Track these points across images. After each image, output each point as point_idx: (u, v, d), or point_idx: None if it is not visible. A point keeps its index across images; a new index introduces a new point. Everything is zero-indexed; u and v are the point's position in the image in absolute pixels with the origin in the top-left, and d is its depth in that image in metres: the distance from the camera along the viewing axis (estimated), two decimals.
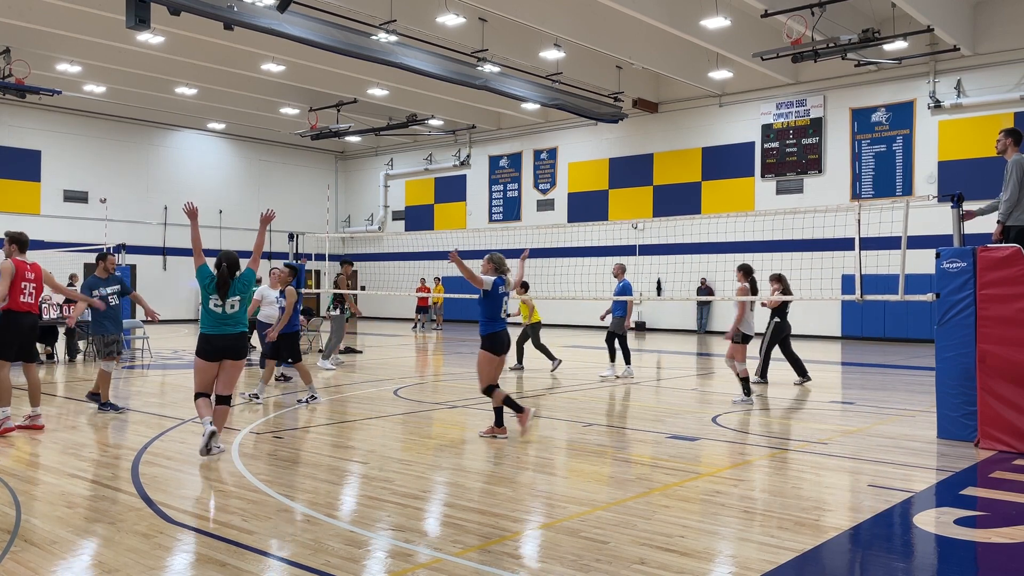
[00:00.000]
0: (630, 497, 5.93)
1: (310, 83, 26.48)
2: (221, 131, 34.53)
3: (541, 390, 12.23)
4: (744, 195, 26.23)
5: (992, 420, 7.65)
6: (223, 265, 7.24)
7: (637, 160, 28.90)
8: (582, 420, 9.51)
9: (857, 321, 23.88)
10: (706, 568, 4.50)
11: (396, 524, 5.26)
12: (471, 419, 9.69)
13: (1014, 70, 21.52)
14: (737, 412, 10.05)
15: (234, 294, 7.29)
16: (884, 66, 22.71)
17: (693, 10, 19.74)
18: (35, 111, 29.22)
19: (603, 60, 24.33)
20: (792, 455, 7.51)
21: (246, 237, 34.87)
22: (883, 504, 5.78)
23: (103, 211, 28.35)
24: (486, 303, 8.15)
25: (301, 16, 18.72)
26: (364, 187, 38.26)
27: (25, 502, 5.71)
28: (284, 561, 4.55)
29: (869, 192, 23.97)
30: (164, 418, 9.34)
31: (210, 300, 7.28)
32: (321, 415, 9.66)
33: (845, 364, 17.47)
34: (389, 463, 7.08)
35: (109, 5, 18.58)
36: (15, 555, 4.61)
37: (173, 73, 25.55)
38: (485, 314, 8.15)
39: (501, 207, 32.95)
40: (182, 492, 6.11)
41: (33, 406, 8.48)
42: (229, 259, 7.25)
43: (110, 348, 9.83)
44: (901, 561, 4.75)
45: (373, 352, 18.81)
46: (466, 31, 20.98)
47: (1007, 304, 7.66)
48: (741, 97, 26.40)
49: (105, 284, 9.91)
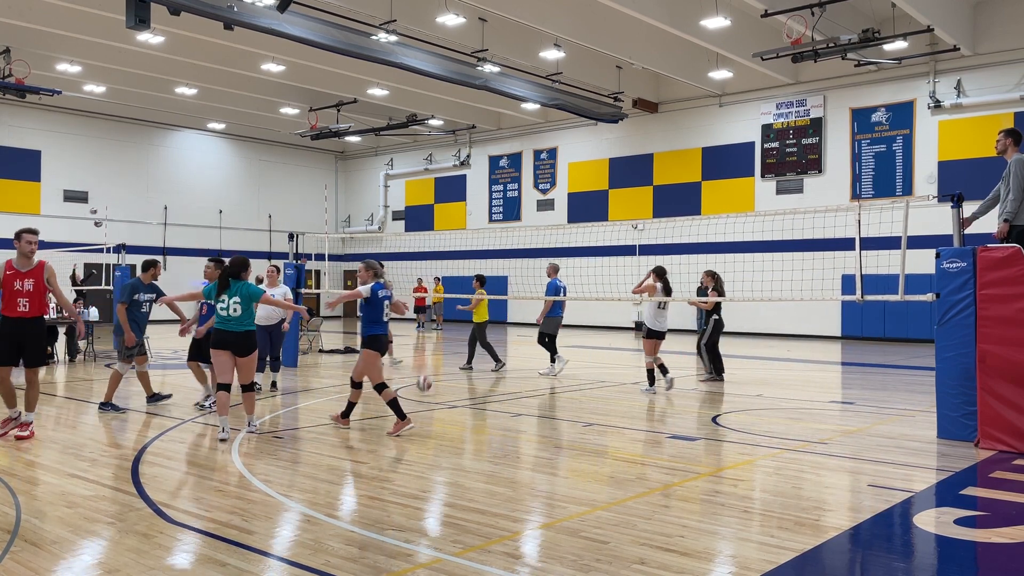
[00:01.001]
0: (630, 497, 5.93)
1: (310, 83, 26.48)
2: (221, 131, 34.53)
3: (542, 390, 12.23)
4: (744, 195, 26.23)
5: (992, 420, 7.65)
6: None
7: (637, 160, 28.90)
8: (582, 420, 9.51)
9: (857, 321, 23.88)
10: (706, 568, 4.50)
11: (396, 524, 5.26)
12: (471, 419, 9.69)
13: (1014, 70, 21.52)
14: (737, 412, 10.05)
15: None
16: (884, 66, 22.70)
17: (693, 10, 19.74)
18: (35, 111, 29.22)
19: (603, 60, 24.33)
20: (792, 455, 7.51)
21: (246, 237, 34.91)
22: (883, 504, 5.78)
23: (103, 212, 28.35)
24: (367, 308, 8.56)
25: (301, 16, 18.71)
26: (364, 187, 38.26)
27: (25, 502, 5.71)
28: (284, 561, 4.56)
29: (869, 192, 23.97)
30: (164, 418, 9.34)
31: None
32: (321, 415, 9.65)
33: (845, 364, 17.48)
34: (389, 463, 7.09)
35: (109, 5, 18.57)
36: (15, 555, 4.61)
37: (173, 73, 25.54)
38: (367, 318, 8.57)
39: (501, 207, 32.95)
40: (182, 492, 6.11)
41: (27, 410, 8.16)
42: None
43: (131, 351, 9.90)
44: (901, 561, 4.75)
45: None
46: (466, 31, 20.98)
47: (1007, 304, 7.66)
48: (741, 97, 26.39)
49: (146, 290, 10.09)
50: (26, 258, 7.96)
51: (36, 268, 8.01)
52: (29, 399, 8.12)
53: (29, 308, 7.95)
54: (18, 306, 7.87)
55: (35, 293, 7.98)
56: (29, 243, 7.96)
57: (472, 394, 11.89)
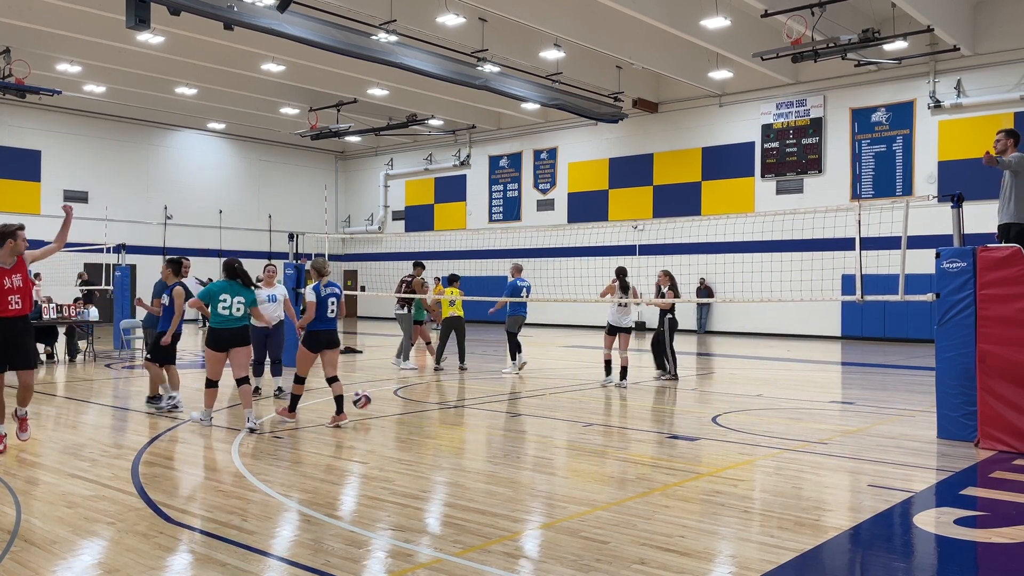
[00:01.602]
0: (630, 497, 5.93)
1: (310, 83, 26.48)
2: (221, 131, 34.53)
3: (542, 390, 12.23)
4: (744, 195, 26.23)
5: (992, 420, 7.65)
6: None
7: (637, 160, 28.90)
8: (582, 420, 9.51)
9: (857, 321, 23.88)
10: (706, 568, 4.50)
11: (396, 524, 5.26)
12: (471, 419, 9.69)
13: (1014, 70, 21.52)
14: (737, 412, 10.05)
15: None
16: (884, 66, 22.71)
17: (693, 10, 19.74)
18: (35, 111, 29.22)
19: (603, 60, 24.33)
20: (792, 455, 7.51)
21: (246, 237, 34.92)
22: (883, 504, 5.78)
23: (103, 211, 28.36)
24: (316, 308, 9.06)
25: (301, 16, 18.71)
26: (364, 187, 38.26)
27: (25, 502, 5.71)
28: (284, 561, 4.56)
29: (869, 192, 23.97)
30: (164, 418, 9.33)
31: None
32: (321, 415, 9.65)
33: (845, 364, 17.48)
34: (389, 463, 7.09)
35: (109, 5, 18.58)
36: (15, 555, 4.61)
37: (173, 73, 25.55)
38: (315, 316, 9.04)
39: (501, 207, 32.95)
40: (182, 492, 6.11)
41: (20, 406, 7.89)
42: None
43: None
44: (901, 561, 4.75)
45: (373, 352, 18.81)
46: (466, 31, 20.98)
47: (1007, 304, 7.66)
48: (741, 97, 26.39)
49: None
50: (11, 255, 7.66)
51: (19, 263, 7.73)
52: (22, 398, 7.80)
53: (22, 305, 7.69)
54: (10, 304, 7.57)
55: (24, 289, 7.74)
56: (25, 239, 7.84)
57: (472, 394, 11.89)
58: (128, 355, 17.03)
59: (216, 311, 8.56)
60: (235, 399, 10.90)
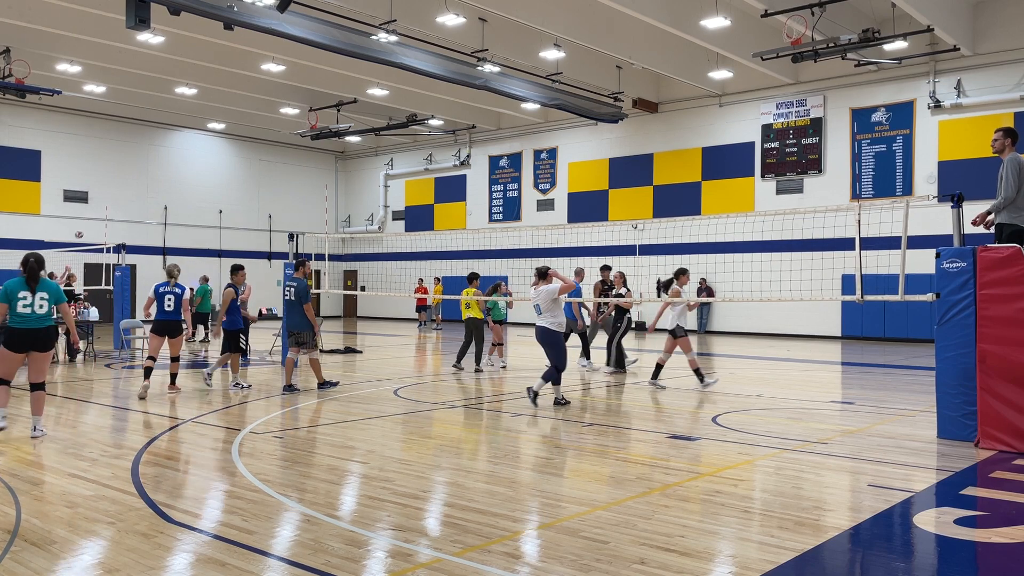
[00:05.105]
0: (630, 497, 5.93)
1: (310, 83, 26.48)
2: (221, 131, 34.52)
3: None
4: (744, 195, 26.22)
5: (992, 420, 7.65)
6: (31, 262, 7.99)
7: (637, 160, 28.90)
8: (582, 420, 9.51)
9: (857, 321, 23.88)
10: (706, 568, 4.50)
11: (396, 524, 5.26)
12: (471, 419, 9.69)
13: (1014, 70, 21.52)
14: (737, 412, 10.05)
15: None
16: (884, 66, 22.71)
17: (693, 10, 19.74)
18: (35, 111, 29.22)
19: (603, 60, 24.33)
20: (792, 455, 7.51)
21: (246, 237, 34.93)
22: (883, 504, 5.78)
23: (103, 211, 28.36)
24: None
25: (301, 16, 18.71)
26: (364, 187, 38.26)
27: (25, 502, 5.71)
28: (284, 561, 4.56)
29: (869, 192, 23.97)
30: (164, 418, 9.34)
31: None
32: (321, 415, 9.66)
33: (845, 364, 17.47)
34: (389, 463, 7.09)
35: (109, 5, 18.58)
36: (15, 555, 4.61)
37: (173, 73, 25.54)
38: None
39: (501, 207, 32.95)
40: (182, 492, 6.11)
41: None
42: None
43: (299, 340, 11.75)
44: (901, 561, 4.75)
45: (373, 352, 18.81)
46: (466, 31, 20.98)
47: (1007, 304, 7.66)
48: (741, 97, 26.39)
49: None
50: None
51: None
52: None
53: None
54: None
55: None
56: None
57: (472, 394, 11.89)
58: (128, 355, 17.04)
59: (15, 310, 7.88)
60: (229, 401, 10.92)
